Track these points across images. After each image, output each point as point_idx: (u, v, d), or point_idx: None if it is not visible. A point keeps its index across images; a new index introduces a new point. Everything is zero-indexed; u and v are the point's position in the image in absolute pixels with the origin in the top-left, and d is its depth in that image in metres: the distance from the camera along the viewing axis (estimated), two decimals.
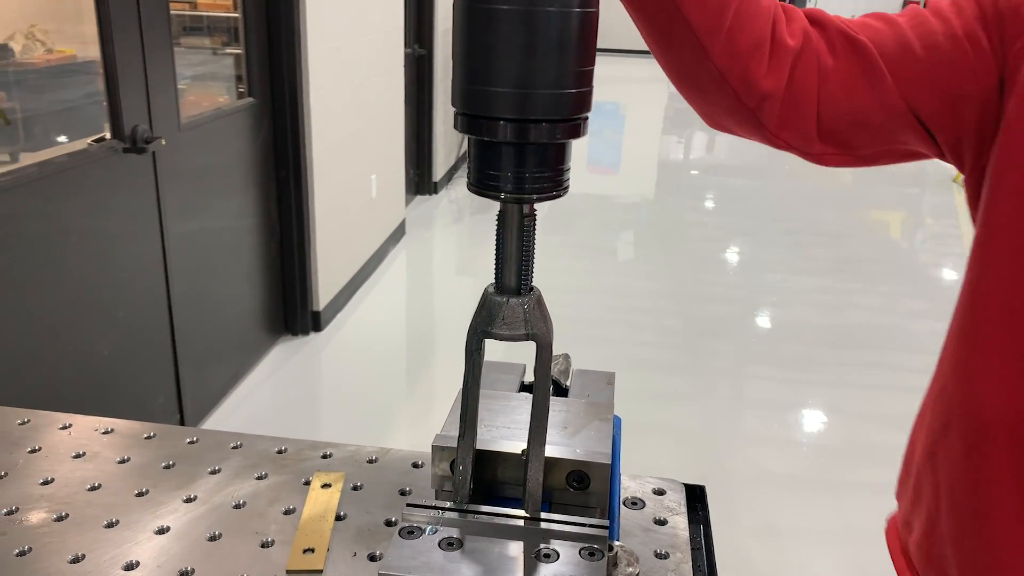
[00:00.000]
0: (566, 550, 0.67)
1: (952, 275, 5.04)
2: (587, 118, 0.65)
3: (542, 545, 0.68)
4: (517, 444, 0.80)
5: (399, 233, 5.11)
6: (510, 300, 0.68)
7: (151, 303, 2.70)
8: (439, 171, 6.19)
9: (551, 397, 0.97)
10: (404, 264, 4.90)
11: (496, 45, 0.61)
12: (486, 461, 0.79)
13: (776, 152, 0.91)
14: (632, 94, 12.54)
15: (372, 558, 0.84)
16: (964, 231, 6.09)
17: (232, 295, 3.30)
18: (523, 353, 0.79)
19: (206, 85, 3.38)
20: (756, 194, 7.05)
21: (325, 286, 3.85)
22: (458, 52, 0.63)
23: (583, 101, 0.63)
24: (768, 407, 3.41)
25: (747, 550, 2.51)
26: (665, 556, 0.85)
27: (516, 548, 0.67)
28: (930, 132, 0.81)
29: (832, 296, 4.60)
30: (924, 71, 0.79)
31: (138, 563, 0.83)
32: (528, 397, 0.93)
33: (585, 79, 0.62)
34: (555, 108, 0.62)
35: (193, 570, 0.82)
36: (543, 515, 0.71)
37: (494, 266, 0.70)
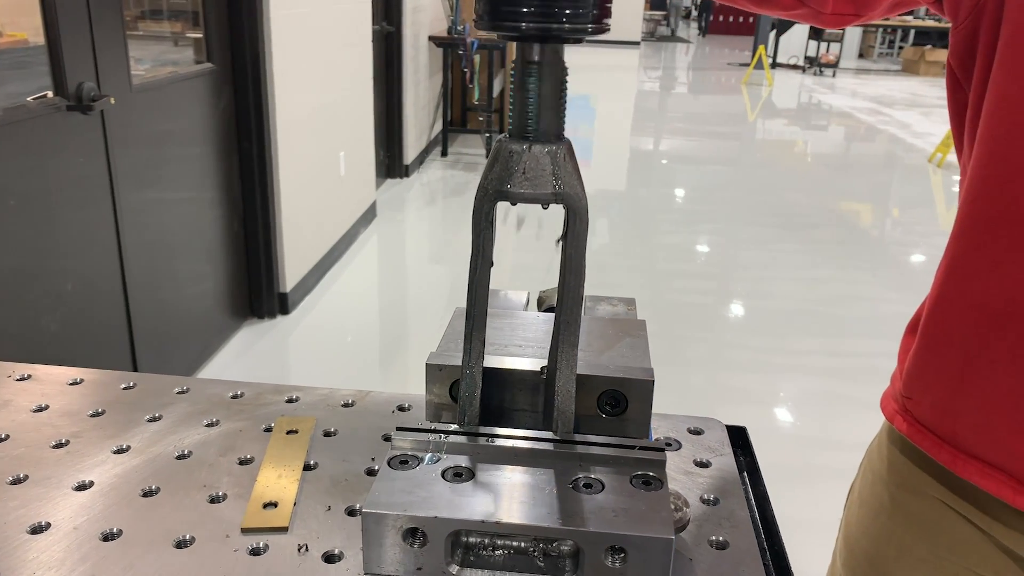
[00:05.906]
0: (612, 479, 0.50)
1: (920, 259, 4.98)
2: None
3: (580, 474, 0.51)
4: (531, 362, 0.63)
5: (370, 215, 4.91)
6: (533, 147, 0.51)
7: (103, 277, 2.48)
8: (410, 154, 5.99)
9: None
10: (376, 247, 4.70)
11: None
12: (494, 383, 0.62)
13: (748, 141, 0.79)
14: (600, 84, 12.41)
15: (352, 512, 0.67)
16: (938, 214, 6.04)
17: (193, 272, 3.09)
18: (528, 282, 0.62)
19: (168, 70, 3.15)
20: (727, 183, 6.92)
21: (292, 267, 3.65)
22: None
23: None
24: (745, 395, 3.27)
25: None
26: (715, 502, 0.68)
27: (545, 477, 0.50)
28: None
29: (804, 285, 4.48)
30: None
31: (49, 524, 0.65)
32: (539, 315, 0.76)
33: None
34: None
35: (120, 531, 0.64)
36: (578, 437, 0.54)
37: (510, 115, 0.53)
